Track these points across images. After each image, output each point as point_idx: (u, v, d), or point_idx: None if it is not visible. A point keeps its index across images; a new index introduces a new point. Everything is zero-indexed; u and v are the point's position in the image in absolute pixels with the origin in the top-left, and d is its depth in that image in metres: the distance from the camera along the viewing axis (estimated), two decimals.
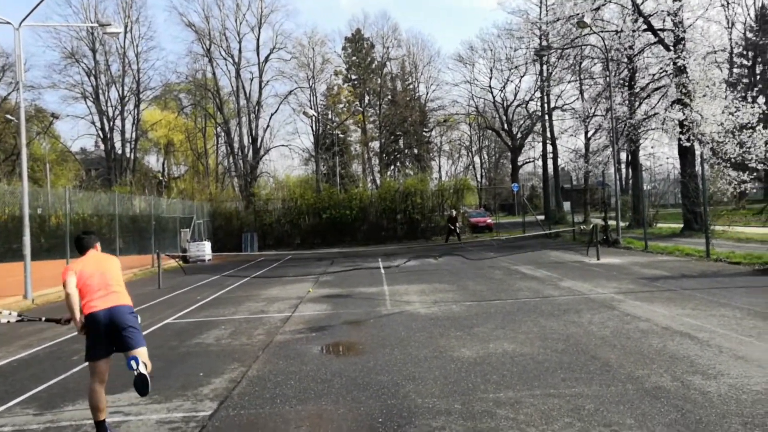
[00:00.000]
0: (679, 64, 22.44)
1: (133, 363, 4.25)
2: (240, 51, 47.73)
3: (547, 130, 46.52)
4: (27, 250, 14.05)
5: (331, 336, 8.09)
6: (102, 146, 51.56)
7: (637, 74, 26.83)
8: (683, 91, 22.52)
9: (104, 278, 4.57)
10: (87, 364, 4.58)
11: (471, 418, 4.53)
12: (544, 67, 43.24)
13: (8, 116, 44.86)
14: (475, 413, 4.63)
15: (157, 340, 8.33)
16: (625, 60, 26.16)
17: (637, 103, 26.40)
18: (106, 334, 4.45)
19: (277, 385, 5.73)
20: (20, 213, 15.01)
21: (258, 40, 47.46)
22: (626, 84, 27.08)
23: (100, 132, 49.70)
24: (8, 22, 14.65)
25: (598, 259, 16.08)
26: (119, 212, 22.37)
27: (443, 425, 4.41)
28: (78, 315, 4.52)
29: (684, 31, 22.89)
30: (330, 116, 58.59)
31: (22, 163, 14.99)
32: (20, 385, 6.28)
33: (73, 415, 5.18)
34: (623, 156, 38.04)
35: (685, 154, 24.04)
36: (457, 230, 29.38)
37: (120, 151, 50.64)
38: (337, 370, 6.22)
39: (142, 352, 4.50)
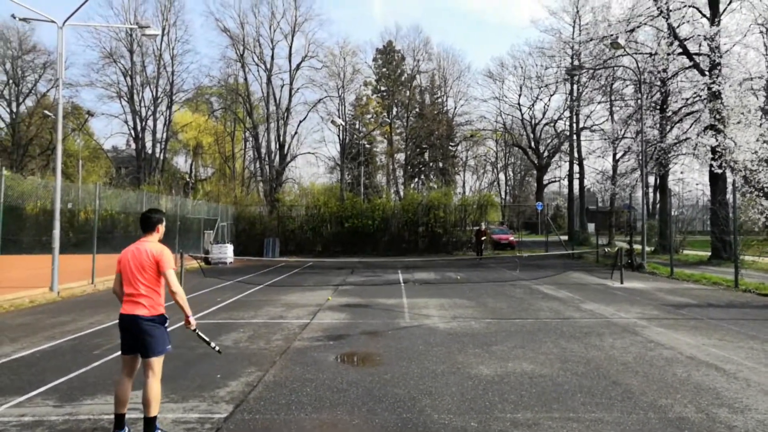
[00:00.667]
0: (714, 89, 22.08)
1: None
2: (272, 58, 48.38)
3: (575, 150, 46.11)
4: (56, 244, 14.35)
5: (349, 345, 8.06)
6: (133, 145, 52.61)
7: (669, 98, 26.49)
8: (717, 116, 22.13)
9: (135, 281, 4.58)
10: (108, 359, 4.63)
11: None
12: (575, 86, 42.96)
13: (46, 112, 46.19)
14: None
15: (176, 340, 8.37)
16: (658, 83, 25.86)
17: (669, 127, 26.02)
18: (127, 336, 4.55)
19: (293, 392, 5.73)
20: (51, 207, 15.37)
21: (290, 47, 48.06)
22: (658, 107, 26.73)
23: (132, 131, 50.78)
24: (53, 21, 15.09)
25: (621, 282, 15.80)
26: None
27: None
28: None
29: (720, 57, 22.54)
30: (357, 126, 58.92)
31: (57, 158, 15.34)
32: (42, 377, 6.38)
33: (92, 409, 5.24)
34: (651, 180, 37.51)
35: (716, 181, 23.59)
36: (483, 246, 28.58)
37: (150, 151, 51.62)
38: (354, 380, 6.19)
39: (152, 363, 4.52)
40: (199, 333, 5.06)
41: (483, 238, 28.52)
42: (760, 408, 5.13)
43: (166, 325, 4.69)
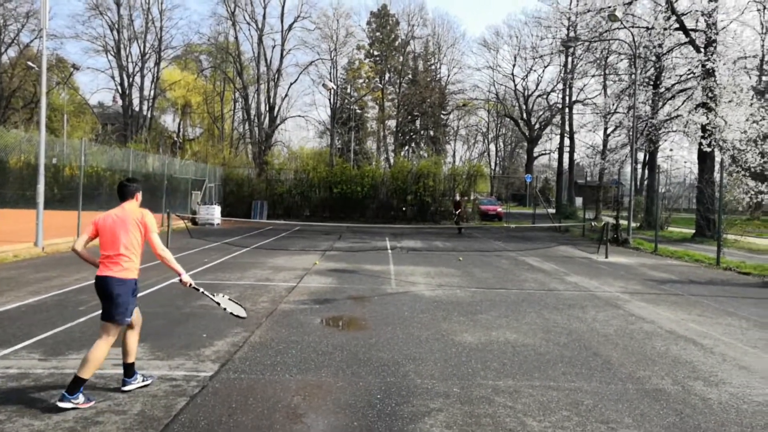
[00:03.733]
0: (708, 66, 22.02)
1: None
2: (264, 17, 47.27)
3: (566, 123, 46.09)
4: (40, 199, 14.15)
5: (335, 309, 8.12)
6: (120, 102, 51.66)
7: (663, 74, 26.39)
8: (709, 94, 22.14)
9: (116, 243, 4.49)
10: (94, 315, 4.60)
11: (469, 402, 4.55)
12: (569, 58, 42.71)
13: (29, 63, 45.02)
14: (473, 398, 4.64)
15: (163, 299, 8.41)
16: (653, 58, 25.71)
17: (661, 104, 26.01)
18: (101, 300, 4.52)
19: (279, 353, 5.78)
20: (36, 161, 15.11)
21: (283, 7, 47.00)
22: (651, 83, 26.65)
23: (118, 87, 49.79)
24: None
25: (606, 257, 15.99)
26: (133, 168, 22.46)
27: (441, 407, 4.43)
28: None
29: (716, 33, 22.40)
30: (349, 91, 58.20)
31: (41, 111, 14.99)
32: (27, 330, 6.37)
33: (77, 363, 5.21)
34: (640, 156, 37.67)
35: (705, 160, 23.74)
36: (463, 217, 26.01)
37: (137, 108, 50.77)
38: (339, 343, 6.25)
39: (108, 327, 4.45)
40: (198, 288, 4.90)
41: (458, 211, 25.34)
42: (734, 382, 5.27)
43: (135, 295, 4.56)
